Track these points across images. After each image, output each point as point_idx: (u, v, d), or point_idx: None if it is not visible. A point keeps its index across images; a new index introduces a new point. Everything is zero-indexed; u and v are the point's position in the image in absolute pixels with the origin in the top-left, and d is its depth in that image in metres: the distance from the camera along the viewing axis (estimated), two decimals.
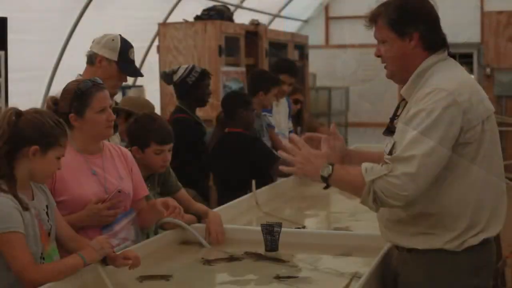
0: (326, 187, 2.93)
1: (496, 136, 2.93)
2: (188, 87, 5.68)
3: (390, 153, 2.83)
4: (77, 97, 3.35)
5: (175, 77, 5.68)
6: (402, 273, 3.02)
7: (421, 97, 2.83)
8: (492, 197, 2.89)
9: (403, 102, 3.02)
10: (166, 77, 5.78)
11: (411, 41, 2.92)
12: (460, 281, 2.90)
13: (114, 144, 3.66)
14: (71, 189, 3.30)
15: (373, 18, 2.99)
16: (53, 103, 3.37)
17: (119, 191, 3.42)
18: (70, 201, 3.28)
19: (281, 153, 3.00)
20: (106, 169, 3.47)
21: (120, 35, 4.22)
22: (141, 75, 4.35)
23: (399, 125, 2.91)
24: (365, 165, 2.80)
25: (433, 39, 2.95)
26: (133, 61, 4.22)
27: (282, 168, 2.98)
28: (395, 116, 3.03)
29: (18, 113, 2.93)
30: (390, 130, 2.99)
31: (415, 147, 2.73)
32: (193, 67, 5.73)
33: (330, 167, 2.87)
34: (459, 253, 2.87)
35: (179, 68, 5.75)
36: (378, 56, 3.03)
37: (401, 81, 3.00)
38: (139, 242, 3.58)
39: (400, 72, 2.98)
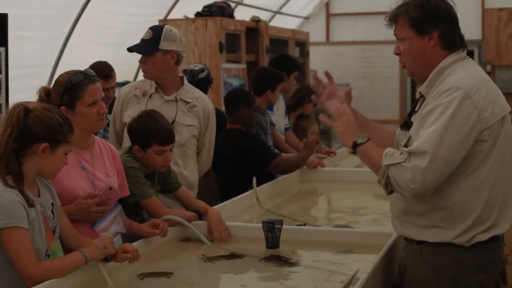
0: (353, 153, 3.05)
1: (510, 135, 2.96)
2: (209, 84, 6.10)
3: (406, 146, 2.93)
4: (68, 90, 3.32)
5: (202, 75, 6.04)
6: (409, 266, 3.06)
7: (438, 94, 2.88)
8: (502, 195, 2.93)
9: (421, 98, 3.07)
10: (190, 73, 6.06)
11: (430, 40, 2.97)
12: (465, 276, 2.94)
13: (105, 141, 3.64)
14: (60, 182, 3.26)
15: (393, 17, 3.04)
16: (46, 95, 3.33)
17: (110, 188, 3.40)
18: (58, 194, 3.25)
19: (328, 103, 3.18)
20: (95, 165, 3.45)
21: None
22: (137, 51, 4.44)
23: (416, 119, 2.99)
24: (388, 149, 2.91)
25: (452, 39, 3.00)
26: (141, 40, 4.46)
27: (322, 117, 3.16)
28: (413, 111, 3.09)
29: (26, 110, 2.91)
30: (407, 124, 3.07)
31: (428, 143, 2.79)
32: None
33: (366, 139, 3.00)
34: (467, 249, 2.91)
35: (203, 66, 6.15)
36: (397, 54, 3.08)
37: (421, 79, 3.05)
38: (129, 234, 3.57)
39: (420, 70, 3.03)
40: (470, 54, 14.07)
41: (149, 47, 4.36)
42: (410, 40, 2.99)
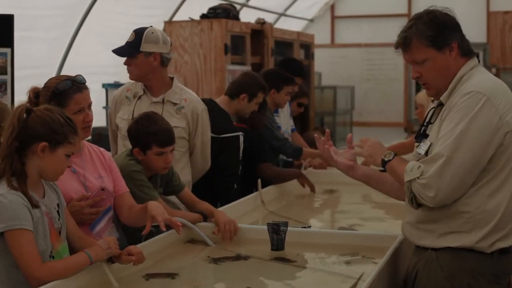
0: (383, 170, 3.11)
1: None
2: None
3: (427, 153, 2.93)
4: (54, 96, 3.32)
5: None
6: (422, 271, 3.04)
7: (456, 99, 2.87)
8: None
9: (439, 107, 3.04)
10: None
11: (451, 52, 2.96)
12: (480, 285, 2.93)
13: (93, 145, 3.64)
14: None
15: (406, 41, 2.99)
16: (35, 96, 3.27)
17: (102, 189, 3.40)
18: None
19: (350, 136, 3.27)
20: (86, 168, 3.45)
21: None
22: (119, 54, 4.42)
23: (435, 128, 2.97)
24: (410, 164, 2.91)
25: (467, 45, 3.01)
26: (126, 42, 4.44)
27: (352, 146, 3.26)
28: (430, 121, 3.06)
29: (28, 110, 2.92)
30: (423, 135, 3.04)
31: (446, 149, 2.80)
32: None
33: (393, 155, 3.03)
34: (485, 257, 2.91)
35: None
36: (417, 78, 3.04)
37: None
38: (122, 240, 3.58)
39: (446, 85, 2.99)
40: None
41: (130, 49, 4.36)
42: (432, 59, 2.96)
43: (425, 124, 3.08)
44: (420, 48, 2.96)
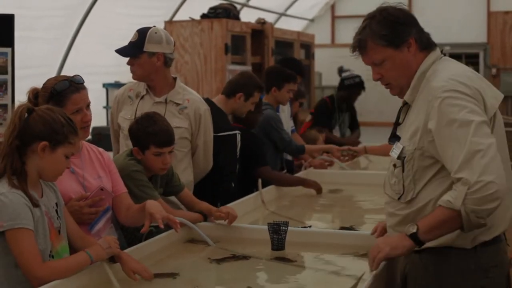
0: (420, 245, 2.82)
1: (502, 131, 2.89)
2: (344, 86, 8.04)
3: (399, 157, 2.85)
4: (52, 97, 3.33)
5: (343, 75, 8.08)
6: (410, 275, 3.01)
7: (426, 102, 2.79)
8: None
9: (405, 106, 2.98)
10: (339, 72, 8.41)
11: (409, 48, 2.88)
12: (468, 281, 2.86)
13: (92, 145, 3.64)
14: None
15: (362, 43, 2.92)
16: (34, 97, 3.28)
17: (101, 189, 3.41)
18: None
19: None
20: (85, 168, 3.46)
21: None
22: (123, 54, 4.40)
23: (404, 130, 2.91)
24: (443, 199, 2.71)
25: (425, 38, 2.93)
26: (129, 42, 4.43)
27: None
28: (398, 122, 3.00)
29: (30, 109, 2.93)
30: (395, 137, 2.97)
31: (471, 145, 2.64)
32: (355, 76, 8.08)
33: (414, 225, 2.79)
34: (468, 252, 2.83)
35: (348, 71, 8.15)
36: (378, 80, 2.95)
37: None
38: (121, 240, 3.57)
39: (408, 83, 2.92)
40: (475, 57, 14.08)
41: (134, 49, 4.36)
42: (390, 59, 2.88)
43: (396, 124, 3.01)
44: (376, 49, 2.88)
